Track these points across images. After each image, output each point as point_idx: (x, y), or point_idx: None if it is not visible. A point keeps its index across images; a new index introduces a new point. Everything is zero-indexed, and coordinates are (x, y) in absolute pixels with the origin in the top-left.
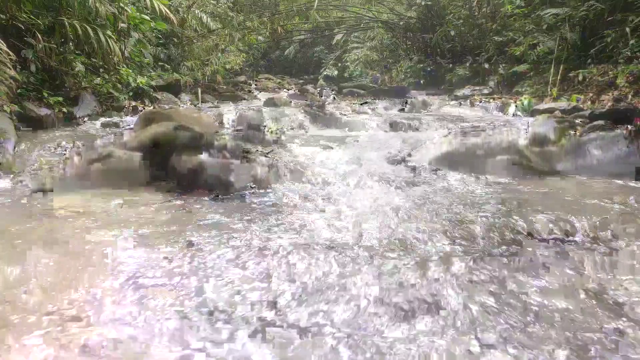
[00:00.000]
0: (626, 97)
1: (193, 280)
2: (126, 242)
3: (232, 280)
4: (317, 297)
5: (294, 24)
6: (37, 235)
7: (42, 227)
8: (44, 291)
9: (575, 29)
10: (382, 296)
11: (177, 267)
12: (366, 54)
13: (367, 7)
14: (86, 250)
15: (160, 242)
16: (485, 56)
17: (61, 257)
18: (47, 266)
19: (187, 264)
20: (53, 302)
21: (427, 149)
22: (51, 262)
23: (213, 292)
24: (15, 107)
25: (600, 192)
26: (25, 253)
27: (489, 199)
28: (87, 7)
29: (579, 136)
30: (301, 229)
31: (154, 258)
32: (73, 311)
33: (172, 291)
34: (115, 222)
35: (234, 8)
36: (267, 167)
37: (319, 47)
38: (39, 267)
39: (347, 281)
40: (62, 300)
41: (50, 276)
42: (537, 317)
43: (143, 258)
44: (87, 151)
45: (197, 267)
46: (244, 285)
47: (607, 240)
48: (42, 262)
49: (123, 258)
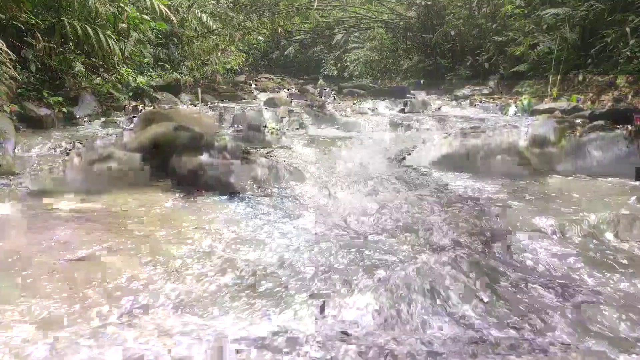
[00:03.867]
0: (626, 97)
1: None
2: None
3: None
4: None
5: (294, 24)
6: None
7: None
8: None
9: (575, 29)
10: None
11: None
12: (366, 54)
13: (367, 7)
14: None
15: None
16: (485, 56)
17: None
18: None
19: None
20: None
21: (426, 150)
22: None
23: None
24: (15, 107)
25: (599, 193)
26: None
27: (489, 200)
28: (87, 7)
29: (579, 137)
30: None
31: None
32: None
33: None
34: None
35: (234, 8)
36: (267, 168)
37: (319, 47)
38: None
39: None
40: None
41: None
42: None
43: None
44: (88, 152)
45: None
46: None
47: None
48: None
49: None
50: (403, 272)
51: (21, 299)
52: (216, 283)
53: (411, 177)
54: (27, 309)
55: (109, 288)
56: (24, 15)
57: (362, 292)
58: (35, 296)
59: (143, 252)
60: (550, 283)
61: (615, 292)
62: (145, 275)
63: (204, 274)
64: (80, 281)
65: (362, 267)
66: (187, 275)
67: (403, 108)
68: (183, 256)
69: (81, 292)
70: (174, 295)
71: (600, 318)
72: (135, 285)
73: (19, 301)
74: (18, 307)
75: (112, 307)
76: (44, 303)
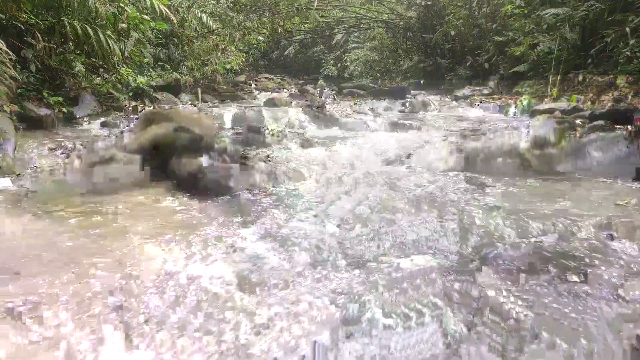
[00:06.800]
0: (626, 97)
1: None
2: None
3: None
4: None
5: (294, 24)
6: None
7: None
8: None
9: (575, 29)
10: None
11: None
12: (366, 54)
13: (367, 7)
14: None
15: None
16: (485, 56)
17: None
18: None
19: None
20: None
21: (426, 151)
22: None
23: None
24: (15, 107)
25: (599, 193)
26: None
27: (490, 201)
28: (87, 7)
29: (579, 137)
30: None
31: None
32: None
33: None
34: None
35: (234, 8)
36: (267, 173)
37: (319, 47)
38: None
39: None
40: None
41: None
42: None
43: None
44: (88, 153)
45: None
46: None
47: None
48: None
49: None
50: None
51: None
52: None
53: (409, 178)
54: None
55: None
56: (24, 15)
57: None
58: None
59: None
60: None
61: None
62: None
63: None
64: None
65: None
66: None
67: (403, 108)
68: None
69: None
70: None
71: None
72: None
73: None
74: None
75: None
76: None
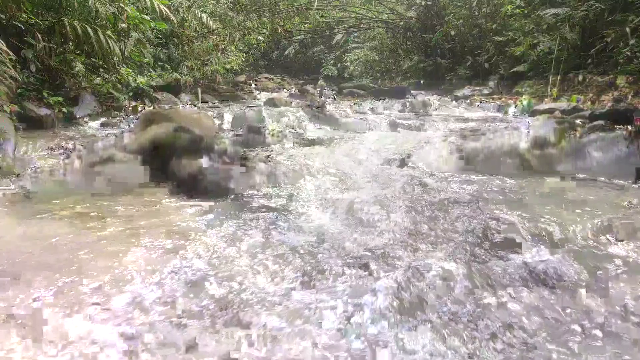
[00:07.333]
0: (626, 97)
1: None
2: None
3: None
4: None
5: (294, 24)
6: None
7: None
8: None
9: (575, 29)
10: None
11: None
12: (366, 54)
13: (367, 7)
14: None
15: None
16: (485, 56)
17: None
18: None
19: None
20: None
21: (426, 152)
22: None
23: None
24: (15, 107)
25: (598, 193)
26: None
27: (488, 201)
28: (87, 7)
29: (579, 137)
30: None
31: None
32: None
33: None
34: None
35: (234, 8)
36: (266, 174)
37: (319, 47)
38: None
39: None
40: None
41: None
42: None
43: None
44: (88, 154)
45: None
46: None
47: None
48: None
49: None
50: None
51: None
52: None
53: (409, 178)
54: None
55: None
56: (24, 15)
57: None
58: None
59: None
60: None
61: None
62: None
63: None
64: None
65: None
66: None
67: (403, 108)
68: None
69: None
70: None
71: None
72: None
73: None
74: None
75: None
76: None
